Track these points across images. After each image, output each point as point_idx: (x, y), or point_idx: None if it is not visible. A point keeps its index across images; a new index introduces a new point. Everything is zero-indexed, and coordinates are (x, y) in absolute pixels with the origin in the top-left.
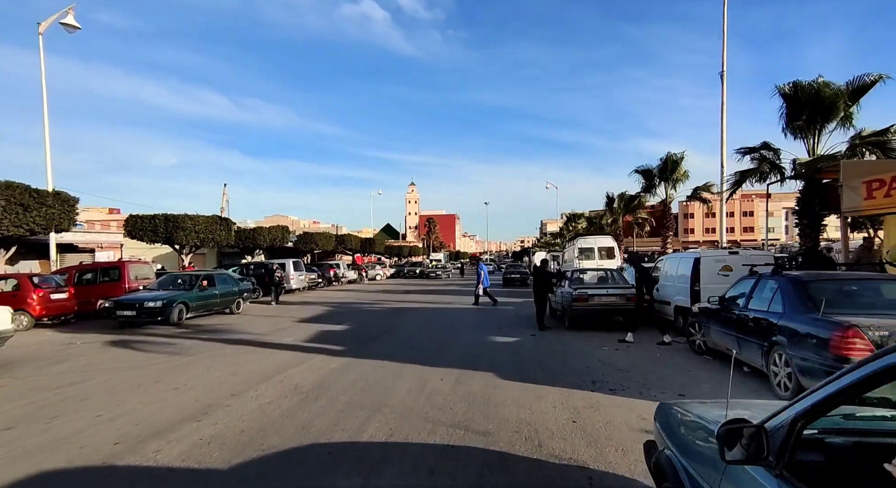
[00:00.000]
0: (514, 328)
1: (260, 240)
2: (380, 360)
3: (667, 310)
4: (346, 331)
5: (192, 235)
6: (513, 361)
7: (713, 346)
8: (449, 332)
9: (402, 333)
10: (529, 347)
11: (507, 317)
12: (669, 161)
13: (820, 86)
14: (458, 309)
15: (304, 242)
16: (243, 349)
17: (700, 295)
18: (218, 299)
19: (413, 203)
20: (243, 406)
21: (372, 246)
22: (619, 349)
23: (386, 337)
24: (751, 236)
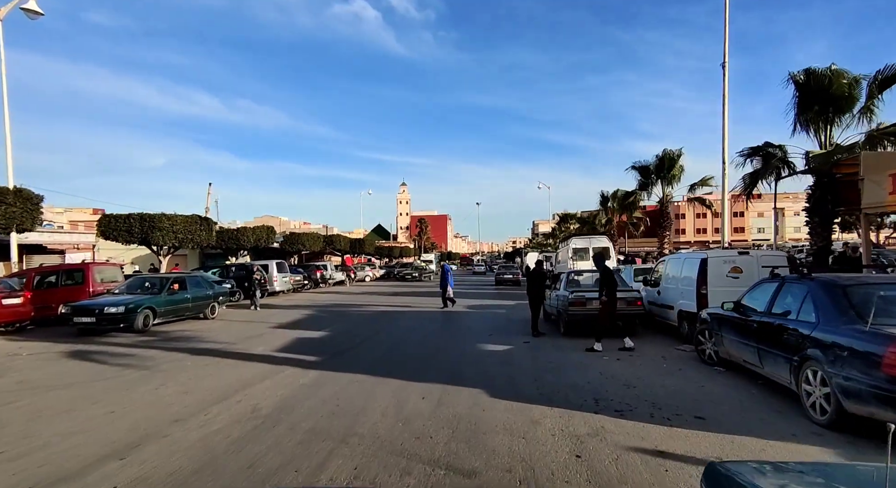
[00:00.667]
0: (507, 334)
1: (244, 241)
2: (356, 374)
3: (669, 315)
4: (324, 338)
5: (169, 236)
6: (505, 374)
7: (726, 357)
8: (436, 339)
9: (385, 341)
10: (523, 357)
11: (499, 321)
12: (666, 157)
13: (834, 74)
14: (448, 312)
15: (290, 243)
16: (207, 361)
17: (707, 299)
18: (190, 304)
19: (404, 203)
20: (184, 436)
21: (361, 246)
22: (621, 359)
23: (367, 345)
24: (741, 236)
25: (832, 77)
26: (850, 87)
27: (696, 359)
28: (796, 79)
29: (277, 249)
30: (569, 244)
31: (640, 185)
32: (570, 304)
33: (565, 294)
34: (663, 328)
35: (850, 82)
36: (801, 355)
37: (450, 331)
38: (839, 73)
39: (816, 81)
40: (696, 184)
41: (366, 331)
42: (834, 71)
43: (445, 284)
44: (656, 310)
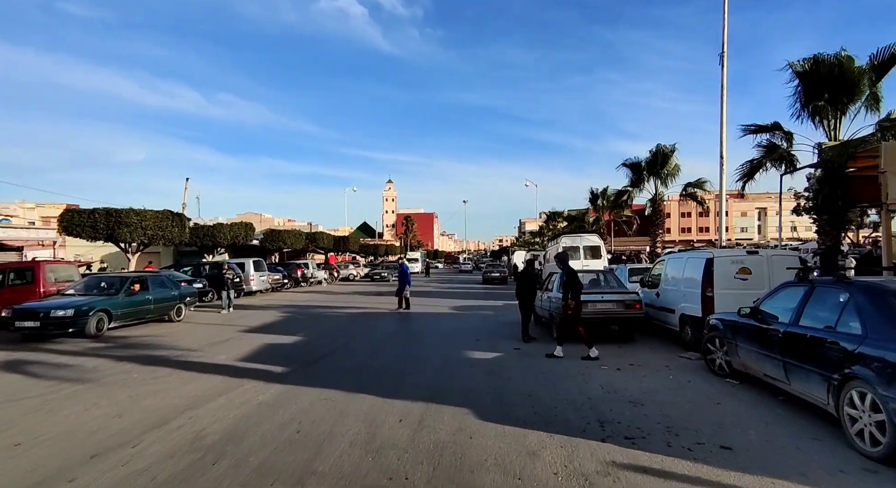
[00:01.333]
0: (494, 339)
1: (220, 238)
2: (325, 389)
3: (669, 319)
4: (296, 344)
5: (137, 232)
6: (494, 388)
7: (740, 369)
8: (417, 346)
9: (362, 347)
10: (514, 366)
11: (487, 324)
12: (660, 153)
13: (844, 60)
14: (433, 314)
15: (271, 241)
16: (157, 372)
17: (714, 302)
18: (152, 305)
19: (390, 201)
20: (97, 478)
21: (346, 244)
22: (622, 369)
23: (342, 352)
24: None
25: (843, 63)
26: (862, 73)
27: (705, 370)
28: (798, 69)
29: (257, 247)
30: (558, 242)
31: (631, 182)
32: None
33: (558, 295)
34: (662, 333)
35: (861, 69)
36: (844, 373)
37: (433, 336)
38: (849, 59)
39: (826, 69)
40: (691, 184)
41: (342, 337)
42: (844, 57)
43: (404, 284)
44: (655, 314)
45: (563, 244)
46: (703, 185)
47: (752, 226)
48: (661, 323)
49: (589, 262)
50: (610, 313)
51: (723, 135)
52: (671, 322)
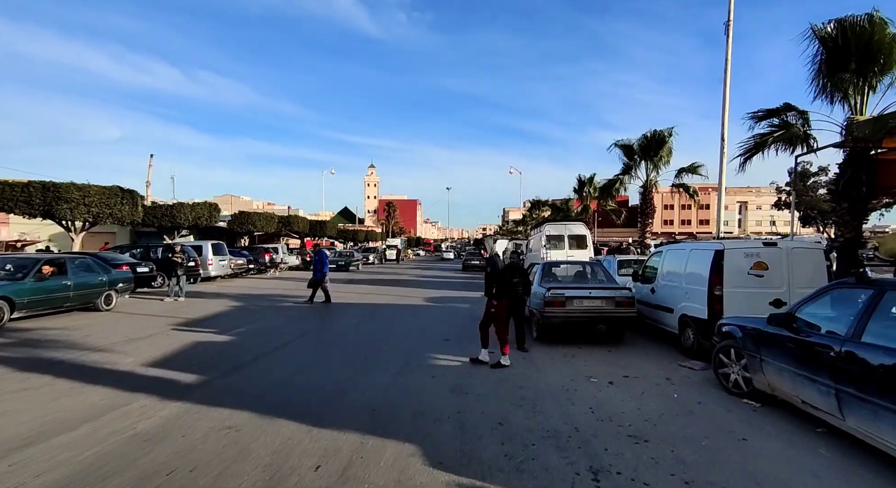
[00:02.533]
0: (468, 340)
1: (180, 219)
2: (236, 410)
3: (666, 320)
4: (229, 343)
5: (79, 209)
6: (456, 411)
7: (764, 389)
8: (374, 347)
9: (306, 348)
10: (485, 379)
11: (461, 320)
12: (655, 137)
13: (877, 24)
14: (403, 306)
15: (239, 223)
16: (31, 381)
17: (723, 302)
18: (71, 292)
19: (372, 186)
20: None
21: (323, 229)
22: (615, 383)
23: (280, 355)
24: (707, 229)
25: (876, 25)
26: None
27: (715, 385)
28: (823, 33)
29: (225, 229)
30: (542, 231)
31: (623, 169)
32: (545, 304)
33: (540, 291)
34: (656, 334)
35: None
36: None
37: (396, 335)
38: (882, 22)
39: (854, 33)
40: (685, 169)
41: (289, 334)
42: (877, 18)
43: (321, 274)
44: (648, 312)
45: (546, 233)
46: (699, 170)
47: (732, 219)
48: (656, 323)
49: (574, 253)
50: (598, 311)
51: (725, 114)
52: (668, 323)
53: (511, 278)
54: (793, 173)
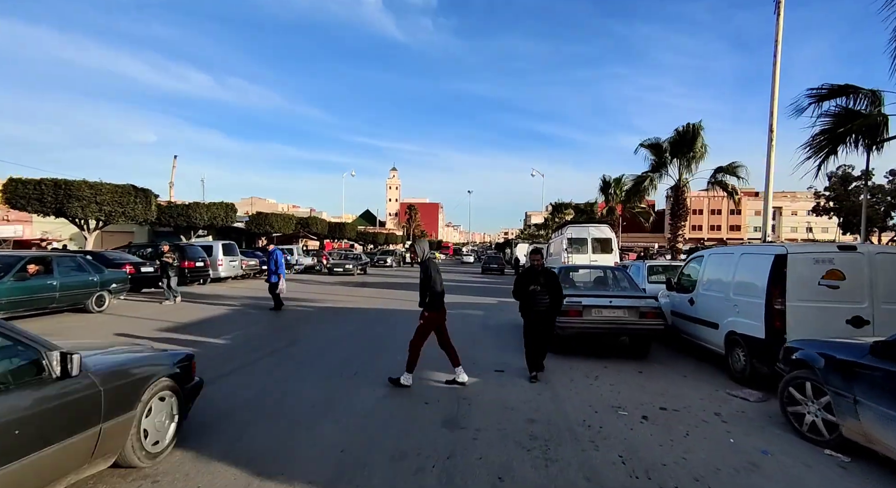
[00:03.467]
0: (473, 352)
1: (195, 219)
2: (175, 446)
3: (709, 336)
4: (207, 352)
5: (91, 207)
6: (446, 455)
7: (859, 439)
8: (365, 360)
9: (289, 360)
10: (487, 409)
11: (469, 329)
12: (687, 132)
13: None
14: (413, 311)
15: (257, 224)
16: None
17: (786, 319)
18: (56, 293)
19: (394, 189)
20: None
21: (342, 231)
22: (650, 417)
23: (255, 368)
24: (737, 235)
25: None
26: None
27: (782, 425)
28: None
29: (243, 230)
30: (563, 233)
31: (651, 167)
32: (562, 313)
33: None
34: (695, 351)
35: None
36: None
37: (394, 346)
38: None
39: None
40: (723, 169)
41: (279, 341)
42: None
43: (276, 278)
44: (686, 327)
45: (567, 236)
46: (737, 170)
47: None
48: (695, 339)
49: (597, 257)
50: (619, 322)
51: (774, 101)
52: (712, 340)
53: (528, 286)
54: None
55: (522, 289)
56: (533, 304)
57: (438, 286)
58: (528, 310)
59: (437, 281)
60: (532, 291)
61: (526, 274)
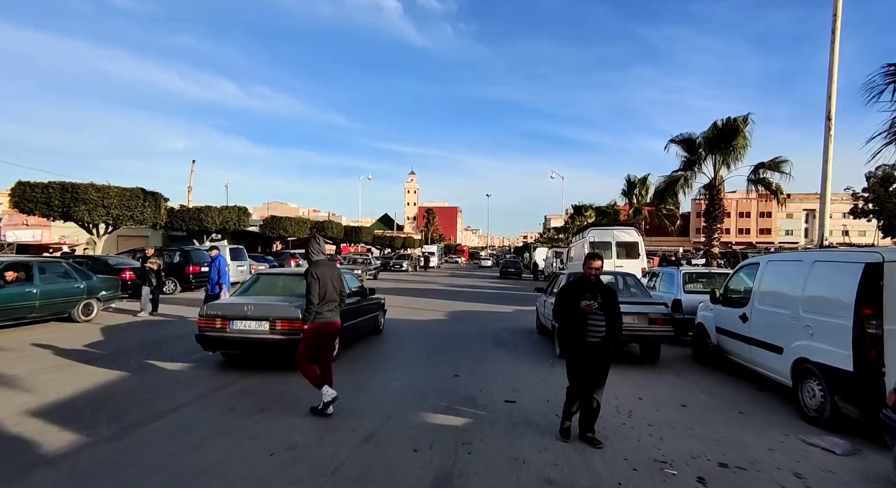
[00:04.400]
0: (480, 377)
1: (207, 222)
2: None
3: (766, 362)
4: (164, 377)
5: (98, 210)
6: None
7: None
8: (353, 387)
9: (260, 388)
10: (491, 460)
11: (481, 344)
12: (727, 126)
13: None
14: (421, 322)
15: (271, 228)
16: None
17: (883, 345)
18: (36, 302)
19: (412, 193)
20: None
21: (358, 235)
22: (709, 480)
23: (216, 400)
24: (767, 239)
25: None
26: None
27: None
28: None
29: (258, 234)
30: (585, 237)
31: (683, 165)
32: None
33: None
34: (745, 375)
35: None
36: None
37: (391, 366)
38: None
39: None
40: (765, 164)
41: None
42: None
43: (216, 288)
44: (735, 347)
45: (590, 239)
46: (781, 166)
47: (798, 228)
48: (748, 363)
49: (623, 263)
50: (630, 329)
51: (832, 81)
52: (773, 367)
53: (576, 301)
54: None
55: (568, 308)
56: (583, 332)
57: (315, 298)
58: (574, 341)
59: (314, 291)
60: (577, 314)
61: (574, 287)
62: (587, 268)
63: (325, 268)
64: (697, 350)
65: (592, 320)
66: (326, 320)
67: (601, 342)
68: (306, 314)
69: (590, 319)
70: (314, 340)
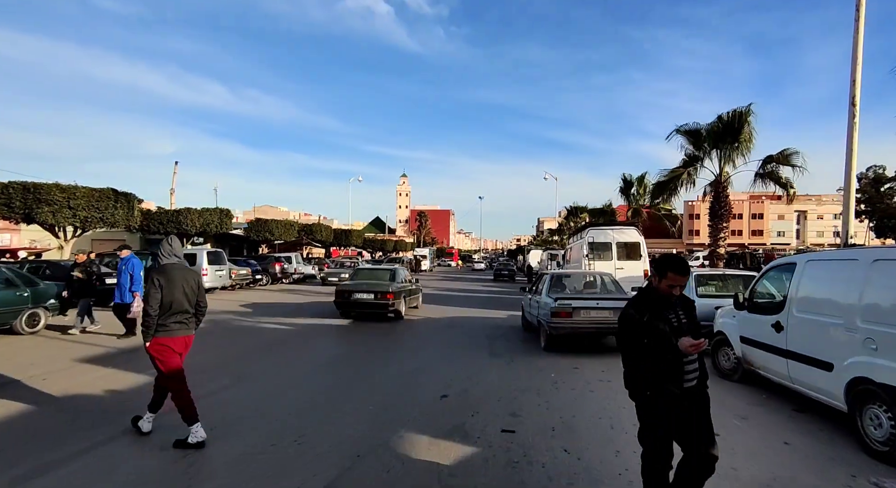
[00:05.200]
0: (476, 394)
1: (186, 225)
2: None
3: (812, 381)
4: (108, 399)
5: (63, 212)
6: None
7: None
8: (325, 411)
9: (217, 412)
10: None
11: (475, 356)
12: (732, 119)
13: None
14: (408, 330)
15: (256, 231)
16: None
17: None
18: None
19: (404, 196)
20: None
21: (348, 238)
22: None
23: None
24: (759, 240)
25: None
26: None
27: None
28: None
29: (243, 238)
30: (583, 237)
31: (687, 159)
32: (552, 314)
33: (548, 301)
34: (779, 392)
35: None
36: None
37: (372, 384)
38: None
39: None
40: (773, 158)
41: (219, 379)
42: None
43: (129, 297)
44: (766, 360)
45: (588, 240)
46: (791, 158)
47: (790, 229)
48: (785, 382)
49: (624, 264)
50: (605, 322)
51: (857, 64)
52: (820, 387)
53: (655, 326)
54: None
55: (642, 337)
56: (680, 376)
57: (153, 309)
58: (655, 385)
59: (153, 300)
60: (665, 342)
61: (646, 306)
62: (669, 283)
63: (176, 273)
64: (719, 363)
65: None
66: (172, 334)
67: (699, 384)
68: (143, 328)
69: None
70: (166, 358)
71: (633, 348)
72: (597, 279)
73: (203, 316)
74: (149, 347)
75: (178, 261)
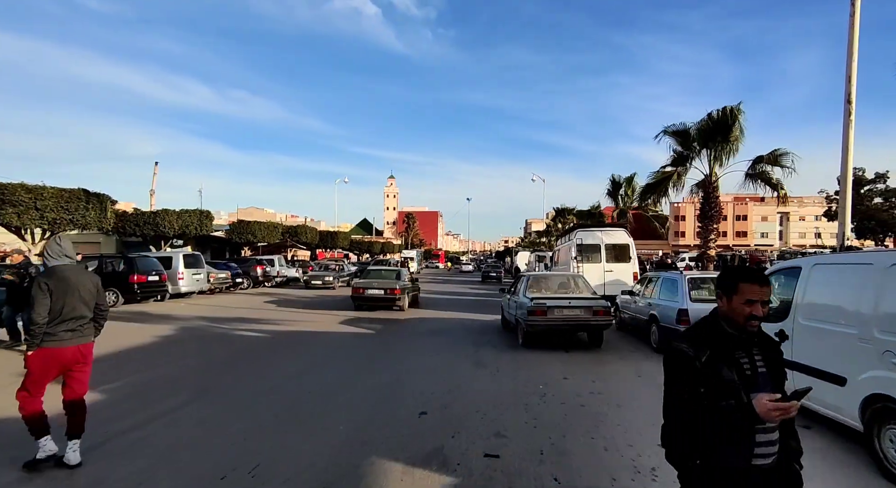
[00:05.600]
0: (458, 410)
1: (164, 227)
2: None
3: (822, 396)
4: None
5: (30, 213)
6: None
7: None
8: (292, 430)
9: (169, 432)
10: None
11: (459, 366)
12: (723, 118)
13: None
14: (388, 338)
15: (238, 233)
16: None
17: None
18: None
19: (392, 197)
20: None
21: (335, 240)
22: None
23: (110, 451)
24: (743, 241)
25: None
26: None
27: None
28: None
29: (225, 240)
30: (571, 239)
31: (675, 159)
32: (529, 313)
33: (524, 301)
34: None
35: None
36: None
37: (345, 399)
38: None
39: None
40: (763, 158)
41: (181, 392)
42: None
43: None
44: None
45: (577, 241)
46: (781, 159)
47: (772, 230)
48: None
49: (613, 267)
50: (577, 320)
51: (852, 60)
52: (831, 403)
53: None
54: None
55: (696, 385)
56: (749, 450)
57: (40, 316)
58: (707, 454)
59: (40, 306)
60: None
61: (706, 340)
62: (744, 298)
63: (68, 274)
64: None
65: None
66: (62, 344)
67: (778, 465)
68: (28, 337)
69: None
70: (40, 370)
71: (680, 398)
72: (570, 281)
73: (104, 321)
74: (30, 356)
75: (69, 263)
